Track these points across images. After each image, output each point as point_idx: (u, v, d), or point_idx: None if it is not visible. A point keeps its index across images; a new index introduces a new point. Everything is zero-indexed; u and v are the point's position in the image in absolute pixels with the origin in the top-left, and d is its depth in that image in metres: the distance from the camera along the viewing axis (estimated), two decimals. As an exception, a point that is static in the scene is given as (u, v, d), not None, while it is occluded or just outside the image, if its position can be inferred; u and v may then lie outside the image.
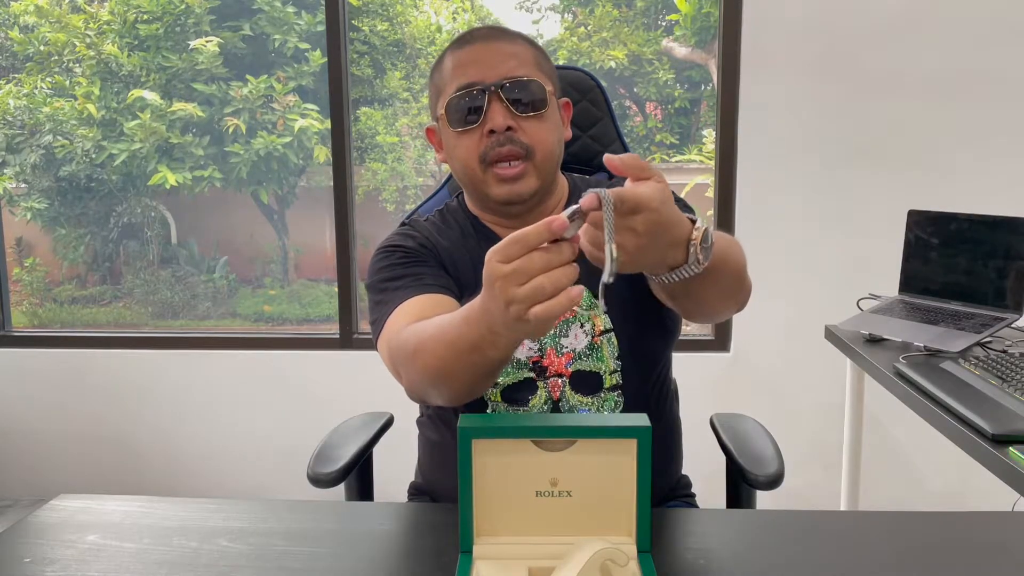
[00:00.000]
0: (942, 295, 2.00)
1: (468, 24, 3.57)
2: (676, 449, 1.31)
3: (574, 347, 1.15)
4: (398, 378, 1.06)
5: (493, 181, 1.13)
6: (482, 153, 1.12)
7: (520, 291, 0.78)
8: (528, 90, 1.12)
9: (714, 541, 0.96)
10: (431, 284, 1.13)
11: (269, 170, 3.44)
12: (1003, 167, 2.56)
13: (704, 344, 2.80)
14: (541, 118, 1.13)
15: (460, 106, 1.12)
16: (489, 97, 1.11)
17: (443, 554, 0.89)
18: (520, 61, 1.13)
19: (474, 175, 1.14)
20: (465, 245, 1.21)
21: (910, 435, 2.62)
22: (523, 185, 1.13)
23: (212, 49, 3.33)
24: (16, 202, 3.47)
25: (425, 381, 1.00)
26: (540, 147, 1.13)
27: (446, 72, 1.16)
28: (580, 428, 0.84)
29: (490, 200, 1.16)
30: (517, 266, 0.78)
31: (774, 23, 2.58)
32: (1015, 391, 1.38)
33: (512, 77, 1.11)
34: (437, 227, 1.24)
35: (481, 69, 1.12)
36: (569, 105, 1.23)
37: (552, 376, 1.15)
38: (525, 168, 1.12)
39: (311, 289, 3.65)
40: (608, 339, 1.16)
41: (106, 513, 1.03)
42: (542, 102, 1.13)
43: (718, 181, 2.72)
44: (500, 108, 1.11)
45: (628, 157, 0.80)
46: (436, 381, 0.98)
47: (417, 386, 1.02)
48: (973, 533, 0.96)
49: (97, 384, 2.99)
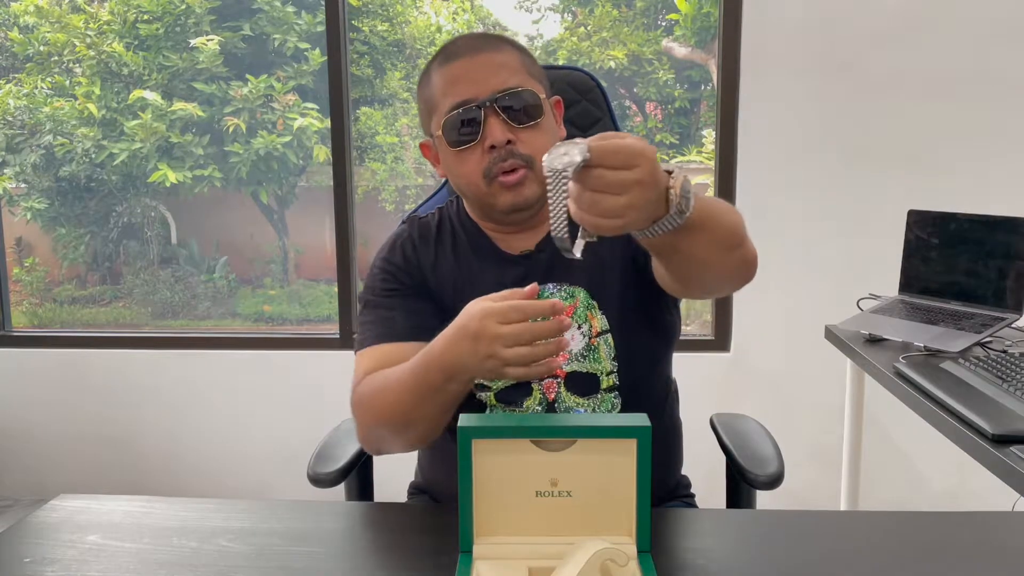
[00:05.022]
0: (942, 295, 2.00)
1: (468, 24, 3.57)
2: (676, 450, 1.31)
3: (571, 348, 1.14)
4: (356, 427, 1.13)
5: (498, 191, 1.13)
6: (485, 169, 1.12)
7: (506, 352, 0.88)
8: (523, 100, 1.11)
9: (714, 541, 0.96)
10: (401, 328, 1.15)
11: (269, 170, 3.44)
12: (1003, 167, 2.56)
13: (704, 344, 2.80)
14: (538, 127, 1.13)
15: (457, 125, 1.12)
16: (485, 113, 1.10)
17: (443, 554, 0.89)
18: (510, 70, 1.13)
19: (479, 190, 1.14)
20: (455, 257, 1.21)
21: (910, 435, 2.61)
22: (527, 190, 1.12)
23: (212, 48, 3.33)
24: (16, 202, 3.47)
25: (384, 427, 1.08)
26: (540, 155, 1.12)
27: (436, 89, 1.15)
28: (580, 428, 0.84)
29: (496, 211, 1.16)
30: (511, 331, 0.88)
31: (774, 23, 2.58)
32: (1015, 391, 1.38)
33: (505, 89, 1.11)
34: (432, 232, 1.24)
35: (473, 84, 1.11)
36: (560, 103, 1.23)
37: (547, 377, 1.15)
38: (526, 174, 1.12)
39: (311, 289, 3.65)
40: (605, 340, 1.15)
41: (106, 513, 1.03)
42: (538, 109, 1.13)
43: (718, 181, 2.72)
44: (498, 123, 1.10)
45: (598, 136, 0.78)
46: (397, 425, 1.06)
47: (374, 433, 1.11)
48: (973, 533, 0.96)
49: (97, 384, 2.99)
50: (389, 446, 1.12)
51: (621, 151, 0.76)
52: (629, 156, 0.76)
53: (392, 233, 1.27)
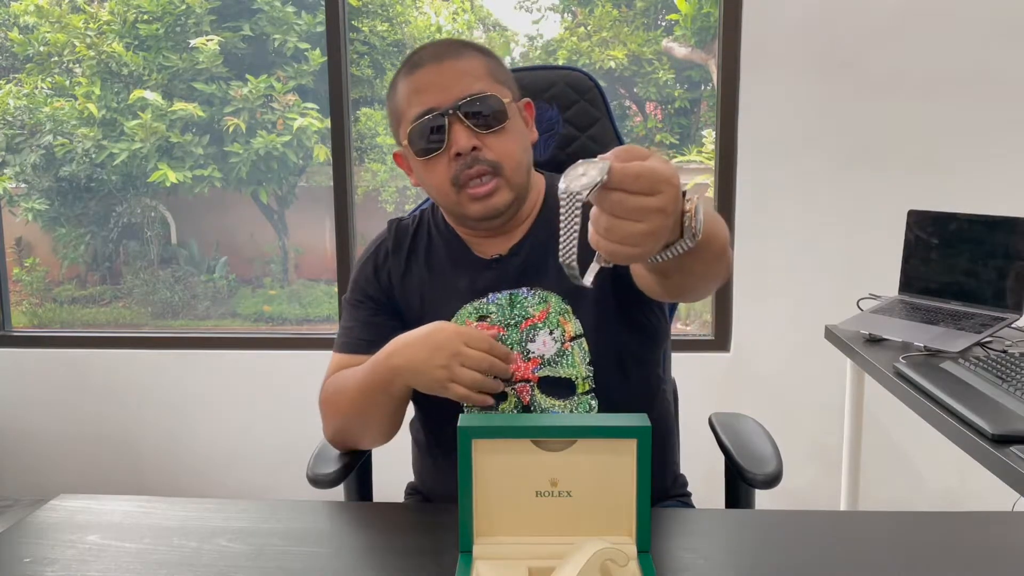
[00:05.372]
0: (942, 295, 2.00)
1: (468, 24, 3.57)
2: (668, 448, 1.30)
3: (542, 353, 1.15)
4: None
5: (467, 201, 1.13)
6: (453, 177, 1.12)
7: (459, 370, 1.02)
8: (487, 106, 1.11)
9: (714, 541, 0.96)
10: (355, 340, 1.24)
11: (269, 170, 3.44)
12: (1003, 167, 2.56)
13: (704, 344, 2.80)
14: (504, 131, 1.12)
15: (422, 133, 1.12)
16: (449, 120, 1.10)
17: (443, 554, 0.89)
18: (474, 76, 1.12)
19: (448, 198, 1.15)
20: (428, 262, 1.24)
21: (910, 435, 2.62)
22: (497, 199, 1.12)
23: (212, 48, 3.33)
24: (16, 202, 3.47)
25: (343, 424, 1.20)
26: (507, 161, 1.12)
27: (401, 99, 1.15)
28: (580, 428, 0.84)
29: (467, 219, 1.17)
30: (473, 355, 1.02)
31: (774, 23, 2.58)
32: (1015, 391, 1.38)
33: (468, 95, 1.10)
34: (408, 238, 1.26)
35: (436, 93, 1.11)
36: (531, 105, 1.22)
37: (520, 381, 1.15)
38: (497, 183, 1.12)
39: (311, 289, 3.64)
40: (579, 344, 1.15)
41: (106, 513, 1.03)
42: (502, 114, 1.12)
43: (718, 181, 2.72)
44: (462, 130, 1.10)
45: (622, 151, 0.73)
46: (354, 421, 1.18)
47: (334, 430, 1.22)
48: (973, 533, 0.96)
49: (97, 384, 2.99)
50: (353, 441, 1.23)
51: (644, 175, 0.70)
52: (653, 181, 0.70)
53: (375, 236, 1.30)
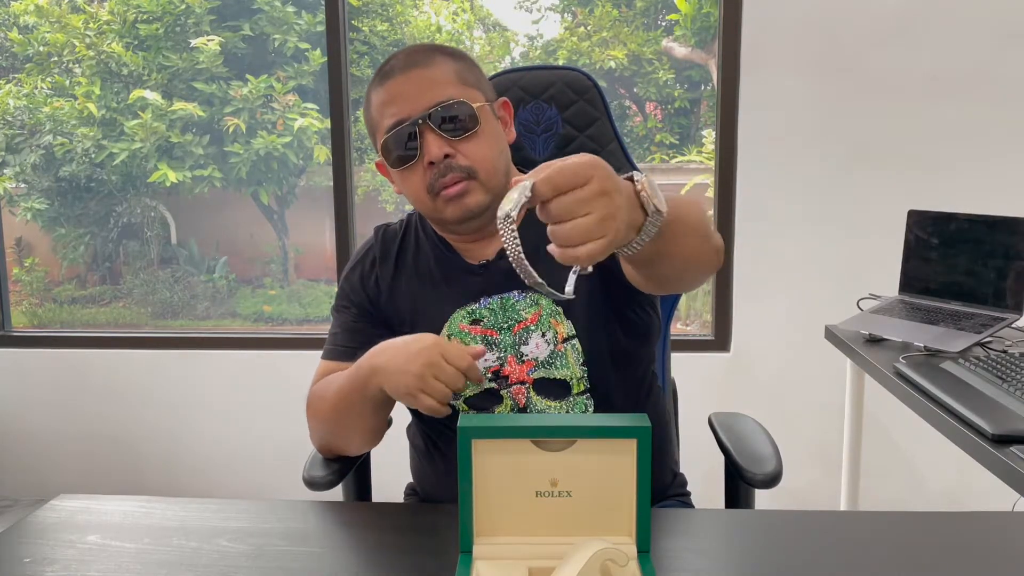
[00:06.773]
0: (942, 295, 2.00)
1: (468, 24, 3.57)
2: (665, 447, 1.30)
3: (536, 356, 1.15)
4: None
5: (443, 205, 1.13)
6: (428, 185, 1.12)
7: (431, 381, 1.02)
8: (457, 112, 1.11)
9: (714, 541, 0.96)
10: (339, 347, 1.26)
11: (269, 170, 3.44)
12: (1003, 167, 2.56)
13: (704, 344, 2.80)
14: (476, 136, 1.12)
15: (396, 144, 1.12)
16: (420, 129, 1.10)
17: (443, 554, 0.89)
18: (443, 83, 1.12)
19: (426, 206, 1.15)
20: (416, 268, 1.24)
21: (910, 435, 2.62)
22: (471, 200, 1.12)
23: (212, 48, 3.33)
24: (16, 202, 3.47)
25: (326, 428, 1.20)
26: (481, 165, 1.13)
27: (375, 110, 1.16)
28: (580, 428, 0.84)
29: (447, 224, 1.17)
30: (449, 370, 1.03)
31: (774, 23, 2.58)
32: (1015, 391, 1.38)
33: (438, 103, 1.10)
34: (395, 244, 1.27)
35: (406, 103, 1.11)
36: (508, 104, 1.22)
37: (515, 384, 1.15)
38: (468, 185, 1.12)
39: (311, 289, 3.65)
40: (572, 345, 1.15)
41: (106, 513, 1.03)
42: (473, 119, 1.12)
43: (718, 181, 2.72)
44: (434, 138, 1.10)
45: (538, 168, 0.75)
46: (336, 426, 1.19)
47: (319, 435, 1.23)
48: (973, 533, 0.96)
49: (97, 384, 2.99)
50: (337, 447, 1.23)
51: (564, 170, 0.73)
52: (575, 173, 0.73)
53: (363, 242, 1.31)
